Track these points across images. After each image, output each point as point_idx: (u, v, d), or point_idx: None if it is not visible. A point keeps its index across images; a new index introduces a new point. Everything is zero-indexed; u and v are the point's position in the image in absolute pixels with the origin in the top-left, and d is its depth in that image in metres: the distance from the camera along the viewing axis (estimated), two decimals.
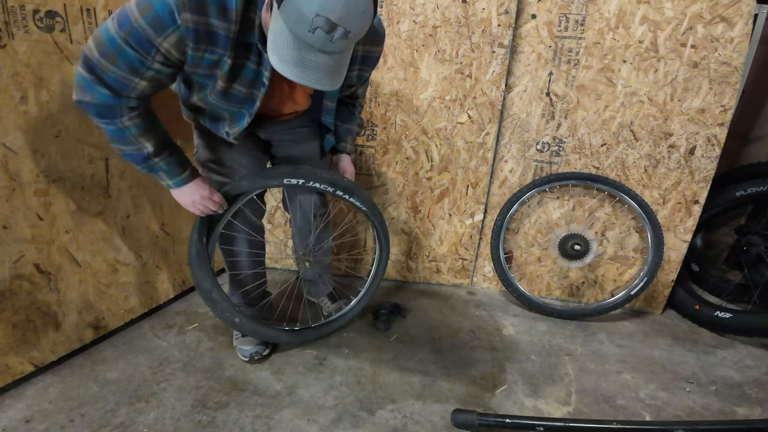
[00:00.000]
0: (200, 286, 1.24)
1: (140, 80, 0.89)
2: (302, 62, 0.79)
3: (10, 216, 1.11)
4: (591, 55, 1.59)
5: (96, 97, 0.89)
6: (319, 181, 1.27)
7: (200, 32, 0.84)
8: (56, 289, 1.25)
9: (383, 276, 1.55)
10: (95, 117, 0.93)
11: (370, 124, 1.77)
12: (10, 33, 1.04)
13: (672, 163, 1.65)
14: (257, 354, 1.36)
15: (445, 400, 1.26)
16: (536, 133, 1.72)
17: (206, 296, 1.25)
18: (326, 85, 0.84)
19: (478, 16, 1.58)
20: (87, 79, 0.87)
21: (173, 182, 1.08)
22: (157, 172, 1.05)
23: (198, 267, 1.22)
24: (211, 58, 0.90)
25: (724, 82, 1.52)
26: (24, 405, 1.15)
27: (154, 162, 1.02)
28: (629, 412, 1.26)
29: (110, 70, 0.86)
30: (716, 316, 1.67)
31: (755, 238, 1.87)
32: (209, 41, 0.86)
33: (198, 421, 1.14)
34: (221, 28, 0.85)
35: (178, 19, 0.81)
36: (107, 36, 0.84)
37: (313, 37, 0.75)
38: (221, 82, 0.96)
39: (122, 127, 0.94)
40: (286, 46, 0.78)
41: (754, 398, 1.34)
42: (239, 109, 1.07)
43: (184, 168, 1.09)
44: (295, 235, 1.55)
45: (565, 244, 1.73)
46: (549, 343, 1.59)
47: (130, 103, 0.93)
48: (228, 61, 0.92)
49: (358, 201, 1.37)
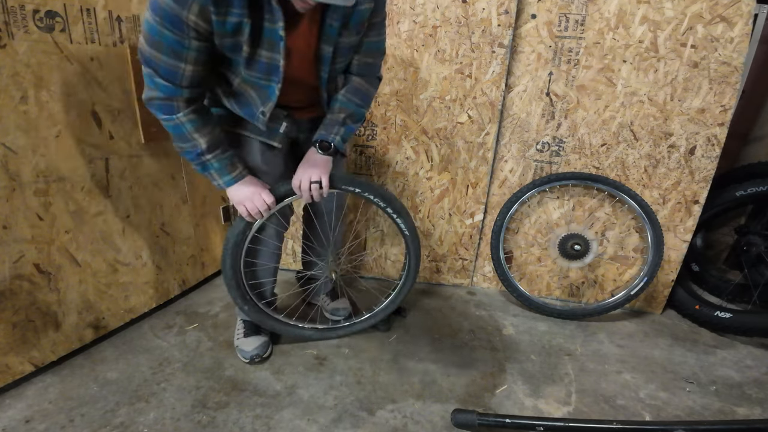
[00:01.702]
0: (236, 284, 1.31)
1: (185, 64, 0.96)
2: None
3: (10, 216, 1.11)
4: (591, 55, 1.59)
5: (158, 91, 0.98)
6: (373, 194, 1.29)
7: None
8: (56, 289, 1.25)
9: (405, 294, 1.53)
10: (159, 113, 1.02)
11: (370, 124, 1.77)
12: (10, 33, 1.04)
13: (672, 163, 1.65)
14: (258, 357, 1.37)
15: (445, 400, 1.26)
16: (536, 133, 1.72)
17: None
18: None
19: (478, 16, 1.58)
20: (148, 74, 0.96)
21: (224, 181, 1.14)
22: (209, 170, 1.12)
23: (231, 258, 1.27)
24: (232, 20, 0.94)
25: (724, 82, 1.52)
26: (24, 405, 1.15)
27: (206, 159, 1.09)
28: (629, 412, 1.26)
29: (160, 59, 0.94)
30: (716, 316, 1.67)
31: (755, 238, 1.87)
32: (226, 2, 0.90)
33: (198, 421, 1.14)
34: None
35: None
36: (148, 26, 0.91)
37: None
38: (246, 47, 0.99)
39: (179, 123, 1.03)
40: None
41: (754, 398, 1.34)
42: (267, 82, 1.08)
43: (235, 167, 1.14)
44: (315, 239, 1.54)
45: (565, 244, 1.73)
46: (549, 343, 1.59)
47: (184, 94, 1.00)
48: (248, 22, 0.95)
49: (403, 224, 1.36)
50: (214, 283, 1.89)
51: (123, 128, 1.38)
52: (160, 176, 1.55)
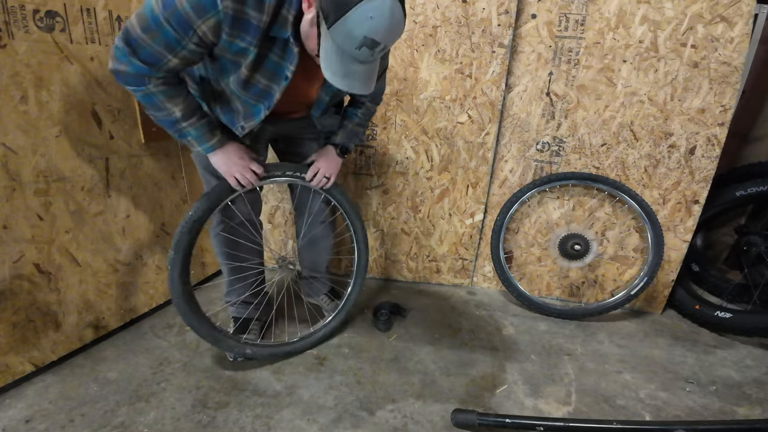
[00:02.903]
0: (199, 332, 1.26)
1: (173, 57, 0.95)
2: (347, 73, 0.91)
3: (10, 216, 1.11)
4: (591, 55, 1.59)
5: (129, 68, 0.95)
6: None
7: (236, 19, 0.89)
8: (56, 289, 1.25)
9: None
10: (125, 84, 0.99)
11: (371, 124, 1.77)
12: (10, 33, 1.04)
13: (672, 162, 1.65)
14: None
15: (445, 400, 1.26)
16: (536, 133, 1.72)
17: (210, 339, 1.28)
18: (367, 89, 0.95)
19: (478, 16, 1.58)
20: (123, 50, 0.93)
21: (203, 148, 1.11)
22: (186, 138, 1.09)
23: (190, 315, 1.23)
24: (240, 45, 0.95)
25: (725, 82, 1.52)
26: (24, 405, 1.15)
27: (182, 127, 1.06)
28: (629, 412, 1.26)
29: (148, 44, 0.92)
30: (716, 316, 1.67)
31: (755, 238, 1.87)
32: (242, 28, 0.92)
33: (198, 421, 1.14)
34: (254, 18, 0.91)
35: (220, 5, 0.86)
36: (151, 14, 0.89)
37: (358, 53, 0.86)
38: (245, 70, 1.01)
39: (149, 93, 0.99)
40: (336, 62, 0.89)
41: (754, 398, 1.34)
42: (256, 103, 1.10)
43: (213, 134, 1.11)
44: (298, 236, 1.55)
45: (566, 244, 1.73)
46: (549, 343, 1.59)
47: (158, 74, 0.98)
48: (254, 50, 0.97)
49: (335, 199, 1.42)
50: (214, 283, 1.89)
51: (123, 128, 1.38)
52: (160, 176, 1.55)
